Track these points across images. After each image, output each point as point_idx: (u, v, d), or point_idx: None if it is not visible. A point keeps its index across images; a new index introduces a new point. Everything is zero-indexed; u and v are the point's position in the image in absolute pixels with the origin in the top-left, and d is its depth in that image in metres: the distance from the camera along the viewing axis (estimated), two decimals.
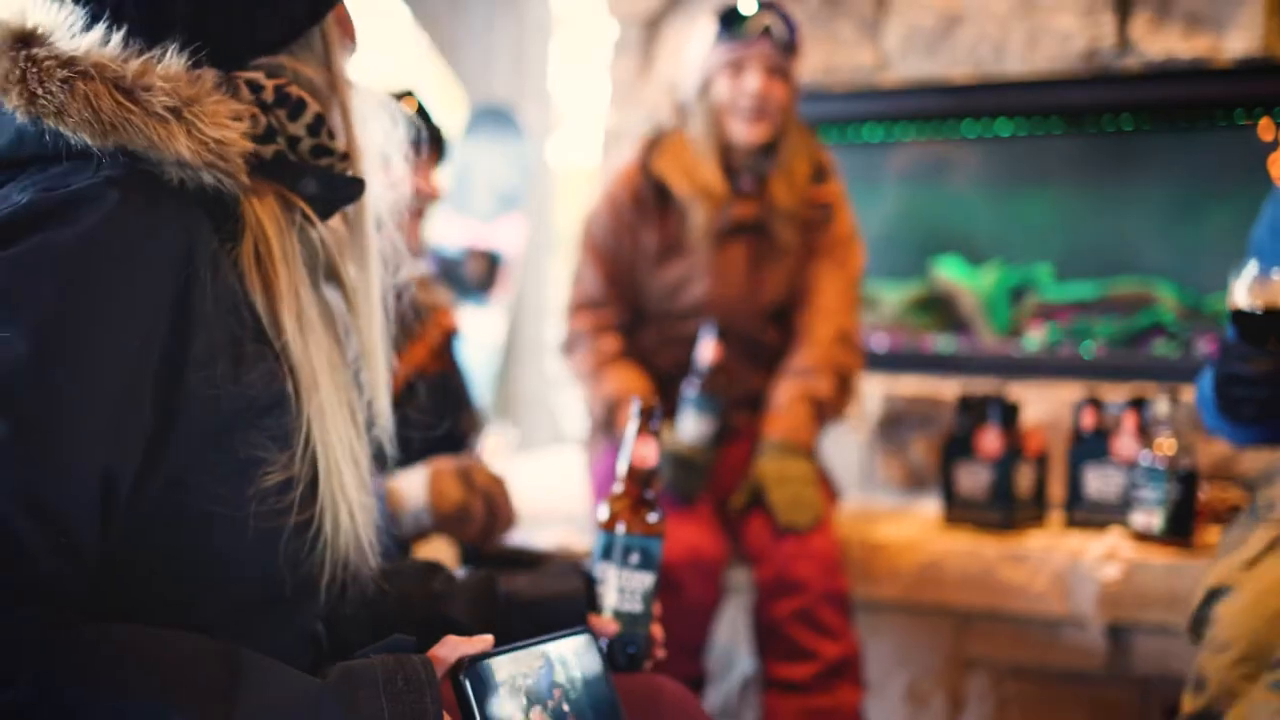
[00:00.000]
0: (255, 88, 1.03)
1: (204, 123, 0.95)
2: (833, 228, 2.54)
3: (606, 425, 2.44)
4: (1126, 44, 2.75)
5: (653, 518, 1.26)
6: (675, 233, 2.49)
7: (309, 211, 1.07)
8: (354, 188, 1.11)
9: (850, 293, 2.54)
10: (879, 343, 3.09)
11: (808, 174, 2.50)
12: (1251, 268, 1.66)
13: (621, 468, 1.29)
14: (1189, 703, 1.52)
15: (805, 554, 2.23)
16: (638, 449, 1.28)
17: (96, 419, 0.87)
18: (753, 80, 2.37)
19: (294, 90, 1.05)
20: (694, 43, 2.49)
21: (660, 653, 1.29)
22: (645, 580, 1.25)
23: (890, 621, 2.56)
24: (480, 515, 1.78)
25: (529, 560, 2.02)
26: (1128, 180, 2.93)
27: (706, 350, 2.33)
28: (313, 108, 1.06)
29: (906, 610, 2.54)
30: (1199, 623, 1.59)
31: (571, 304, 2.58)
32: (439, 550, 1.90)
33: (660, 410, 1.30)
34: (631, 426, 1.29)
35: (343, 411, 1.08)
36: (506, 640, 1.02)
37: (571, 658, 1.03)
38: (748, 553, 2.33)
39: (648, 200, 2.49)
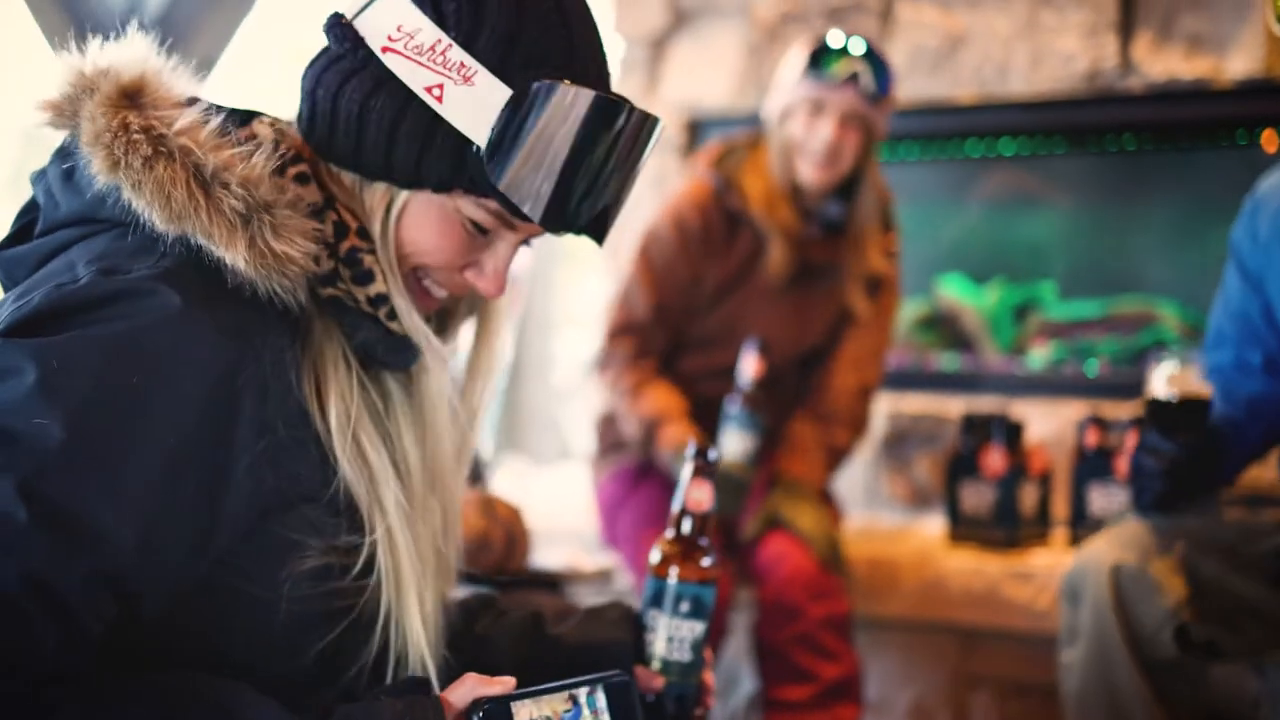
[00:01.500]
0: (341, 230, 1.01)
1: (270, 233, 0.93)
2: (886, 280, 2.49)
3: (644, 445, 2.38)
4: (1129, 65, 2.77)
5: (706, 563, 1.21)
6: (739, 266, 2.41)
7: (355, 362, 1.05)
8: (409, 354, 1.07)
9: (882, 346, 2.52)
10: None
11: (880, 226, 2.46)
12: (1170, 361, 1.71)
13: (675, 510, 1.24)
14: None
15: (805, 578, 2.24)
16: (692, 492, 1.23)
17: (120, 513, 0.86)
18: (826, 128, 2.26)
19: (368, 261, 1.02)
20: (786, 68, 2.39)
21: (711, 701, 1.25)
22: (696, 629, 1.20)
23: (895, 639, 2.56)
24: (499, 545, 1.80)
25: (542, 582, 2.03)
26: (1131, 199, 2.94)
27: (749, 366, 2.25)
28: (378, 286, 1.02)
29: (911, 628, 2.54)
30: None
31: (615, 325, 2.46)
32: None
33: (718, 453, 1.26)
34: (686, 469, 1.23)
35: (414, 515, 1.07)
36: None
37: (603, 703, 1.00)
38: (750, 574, 2.34)
39: (717, 231, 2.40)
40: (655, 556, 1.23)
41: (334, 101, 1.01)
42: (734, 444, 2.24)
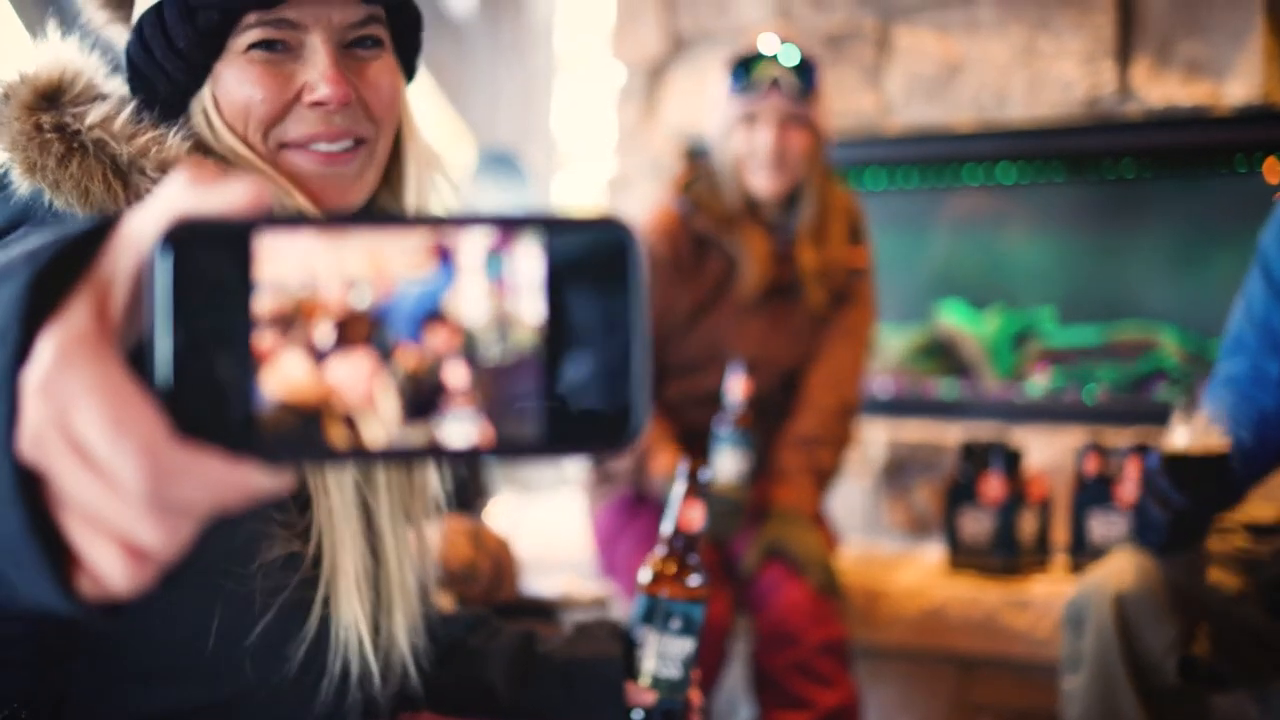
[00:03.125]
0: None
1: None
2: (858, 292, 2.48)
3: (635, 475, 2.37)
4: (1127, 91, 2.77)
5: (695, 582, 1.22)
6: (712, 288, 2.41)
7: None
8: None
9: (860, 362, 2.50)
10: (882, 388, 3.08)
11: (844, 234, 2.45)
12: (1201, 413, 1.70)
13: (666, 530, 1.25)
14: None
15: (803, 605, 2.21)
16: (685, 511, 1.24)
17: None
18: (764, 134, 2.29)
19: None
20: (710, 93, 2.42)
21: (697, 718, 1.26)
22: (685, 646, 1.21)
23: (894, 668, 2.53)
24: (486, 577, 1.79)
25: (536, 610, 2.01)
26: (1130, 226, 2.93)
27: (736, 386, 2.23)
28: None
29: (910, 657, 2.52)
30: None
31: None
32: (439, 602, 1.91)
33: (710, 473, 1.27)
34: (678, 488, 1.25)
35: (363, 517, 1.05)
36: (541, 702, 0.98)
37: None
38: (749, 603, 2.31)
39: (686, 255, 2.40)
40: (646, 575, 1.24)
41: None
42: (727, 465, 2.22)
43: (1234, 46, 2.65)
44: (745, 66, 2.32)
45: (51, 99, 0.96)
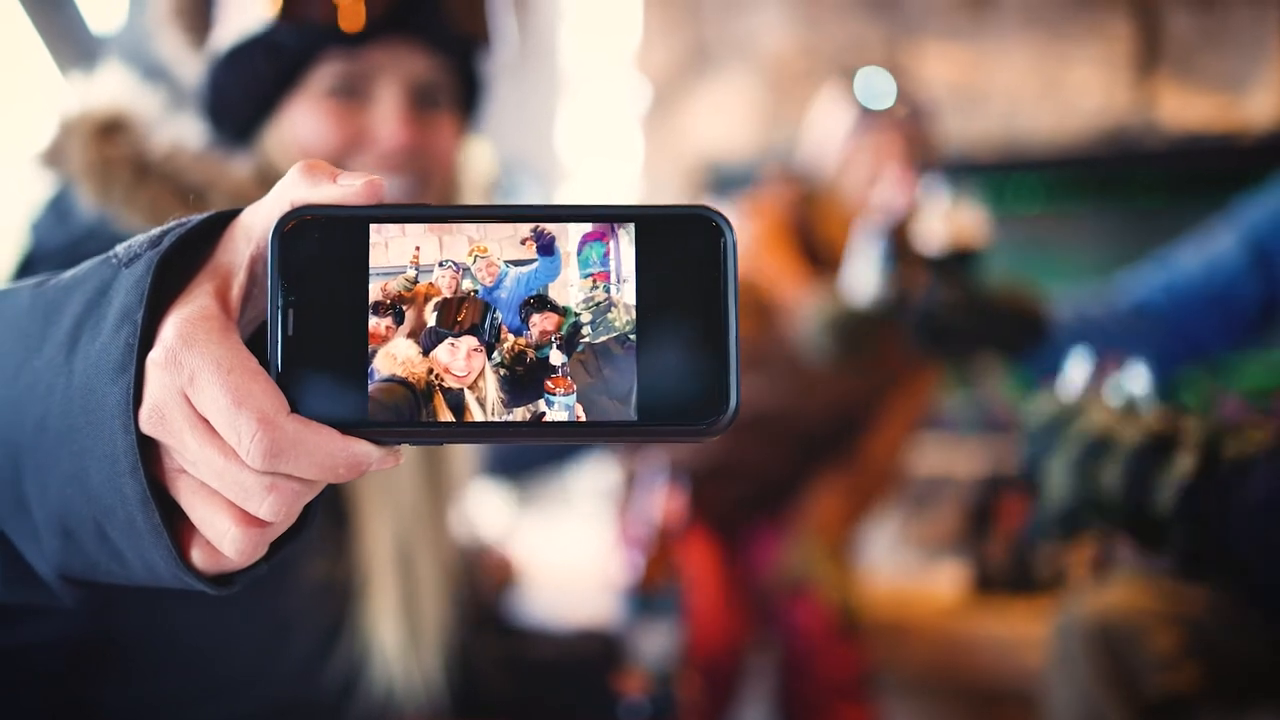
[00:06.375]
0: None
1: None
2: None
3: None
4: (1148, 112, 2.78)
5: (679, 577, 1.28)
6: None
7: None
8: None
9: (914, 427, 2.48)
10: None
11: None
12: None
13: (651, 526, 1.30)
14: None
15: (825, 638, 2.22)
16: (667, 505, 1.30)
17: None
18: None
19: None
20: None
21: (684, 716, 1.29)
22: (672, 638, 1.26)
23: (914, 699, 2.53)
24: (488, 594, 1.81)
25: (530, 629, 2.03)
26: (1153, 251, 2.94)
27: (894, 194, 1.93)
28: None
29: (932, 690, 2.51)
30: None
31: None
32: None
33: (687, 469, 1.31)
34: (661, 484, 1.30)
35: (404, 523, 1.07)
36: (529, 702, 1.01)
37: None
38: (772, 633, 2.33)
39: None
40: (630, 570, 1.29)
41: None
42: (865, 279, 1.87)
43: (1256, 60, 2.67)
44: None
45: (114, 129, 0.99)
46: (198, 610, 0.95)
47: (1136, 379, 1.34)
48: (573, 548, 3.15)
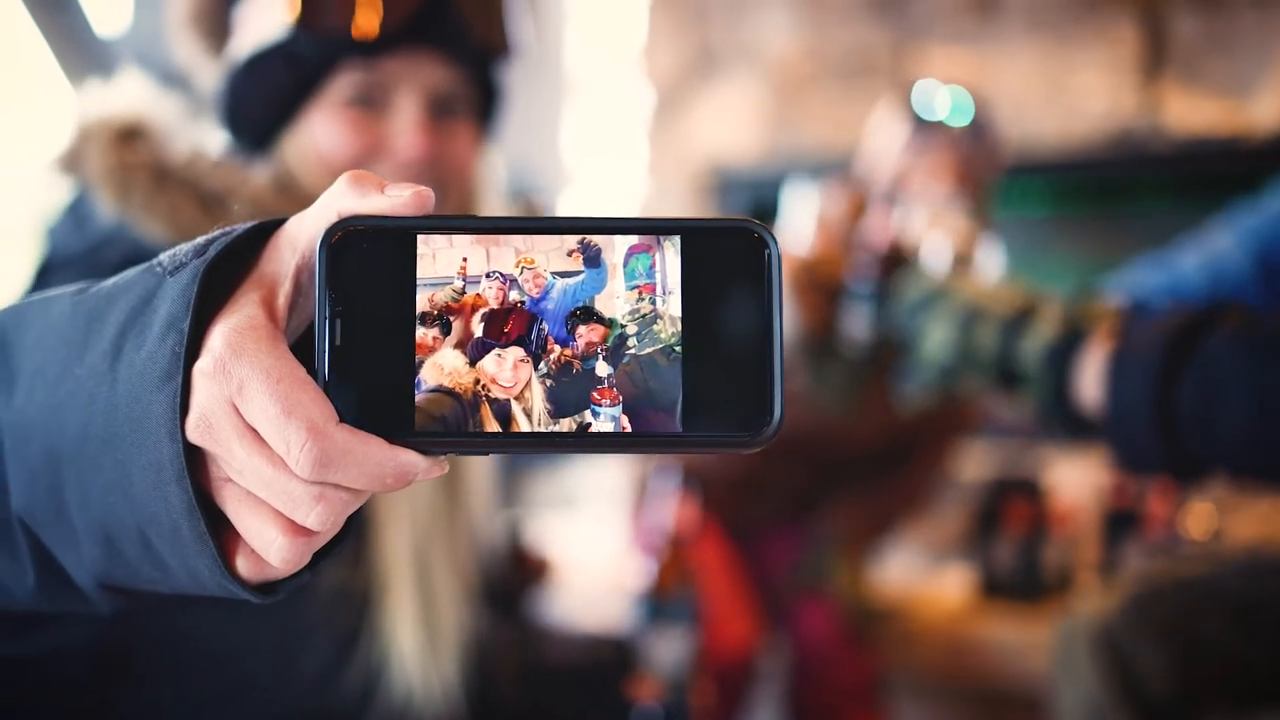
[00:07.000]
0: None
1: None
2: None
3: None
4: (1156, 121, 2.79)
5: (693, 583, 1.28)
6: None
7: None
8: None
9: (950, 460, 2.48)
10: None
11: None
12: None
13: (664, 532, 1.30)
14: None
15: (836, 642, 2.23)
16: (680, 513, 1.31)
17: None
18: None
19: None
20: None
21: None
22: (686, 644, 1.26)
23: (922, 704, 2.53)
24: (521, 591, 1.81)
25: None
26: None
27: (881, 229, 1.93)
28: None
29: (938, 692, 2.51)
30: None
31: None
32: None
33: (700, 475, 1.31)
34: (674, 492, 1.30)
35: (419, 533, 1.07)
36: (544, 708, 1.01)
37: None
38: (785, 637, 2.33)
39: None
40: (645, 576, 1.30)
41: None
42: (857, 327, 1.85)
43: (1261, 64, 2.67)
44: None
45: (133, 135, 0.99)
46: (215, 616, 0.95)
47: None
48: (587, 552, 3.15)
